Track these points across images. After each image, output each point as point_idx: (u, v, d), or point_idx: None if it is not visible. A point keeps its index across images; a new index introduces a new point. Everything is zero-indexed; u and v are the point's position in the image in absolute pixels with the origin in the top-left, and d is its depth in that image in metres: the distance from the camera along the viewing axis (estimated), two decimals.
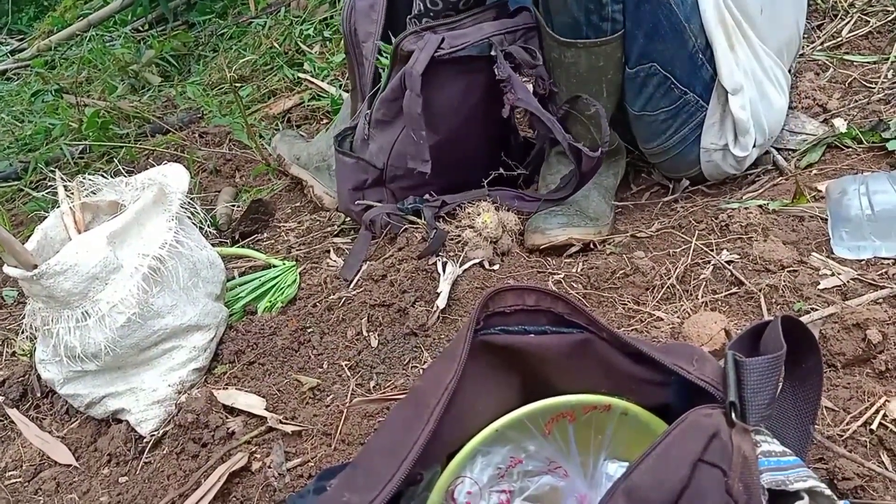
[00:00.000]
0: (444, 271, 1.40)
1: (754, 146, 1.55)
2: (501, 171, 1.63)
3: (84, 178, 1.39)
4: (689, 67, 1.46)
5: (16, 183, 2.64)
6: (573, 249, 1.50)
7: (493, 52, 1.49)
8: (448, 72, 1.50)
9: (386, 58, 1.60)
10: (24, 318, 1.31)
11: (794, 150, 1.67)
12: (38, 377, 1.42)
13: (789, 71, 1.66)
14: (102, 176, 1.41)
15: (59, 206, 1.39)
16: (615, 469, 0.82)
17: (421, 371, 1.25)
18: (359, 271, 1.51)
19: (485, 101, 1.55)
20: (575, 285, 1.40)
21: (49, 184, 1.40)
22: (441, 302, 1.34)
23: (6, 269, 1.25)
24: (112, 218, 1.32)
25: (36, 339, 1.36)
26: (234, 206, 2.06)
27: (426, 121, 1.49)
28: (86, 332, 1.22)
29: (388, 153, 1.61)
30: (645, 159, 1.72)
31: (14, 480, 1.27)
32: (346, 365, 1.31)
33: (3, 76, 4.07)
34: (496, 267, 1.46)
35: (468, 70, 1.53)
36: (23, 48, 4.48)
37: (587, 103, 1.49)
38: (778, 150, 1.68)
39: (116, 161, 2.54)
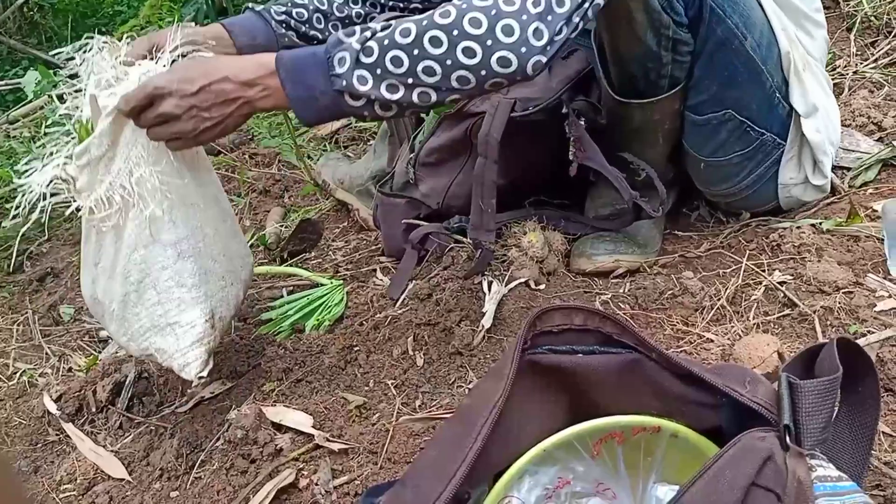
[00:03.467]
0: (489, 290, 1.40)
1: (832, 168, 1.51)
2: (542, 196, 1.63)
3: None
4: (766, 108, 1.41)
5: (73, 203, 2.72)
6: (620, 270, 1.49)
7: (564, 110, 1.48)
8: (517, 128, 1.48)
9: None
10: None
11: (848, 169, 1.64)
12: (94, 392, 1.46)
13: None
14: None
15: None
16: (665, 492, 0.81)
17: (466, 390, 1.25)
18: (405, 290, 1.52)
19: (549, 148, 1.54)
20: (622, 306, 1.38)
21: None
22: (486, 321, 1.34)
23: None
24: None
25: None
26: (282, 225, 2.09)
27: None
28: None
29: (442, 194, 1.62)
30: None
31: (68, 494, 1.29)
32: (392, 384, 1.31)
33: (62, 99, 4.20)
34: (542, 286, 1.46)
35: (537, 126, 1.52)
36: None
37: (635, 168, 1.47)
38: (832, 168, 1.64)
39: None
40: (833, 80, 1.99)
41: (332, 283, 1.63)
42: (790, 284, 1.31)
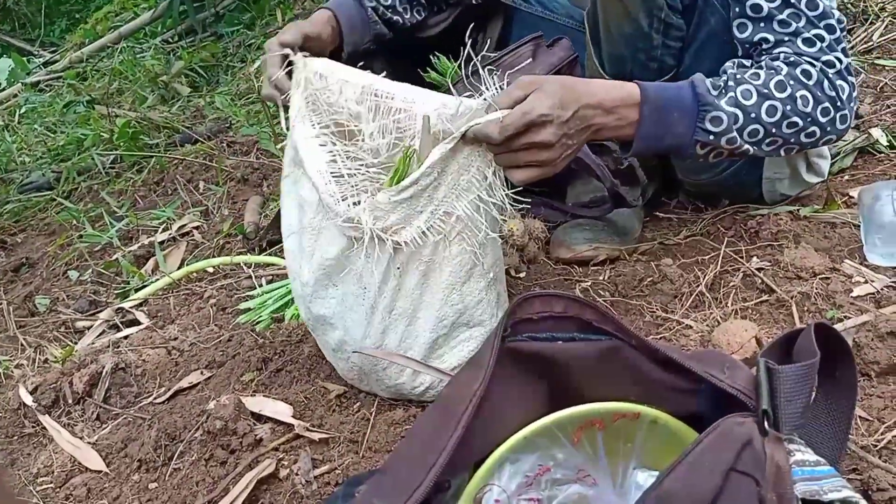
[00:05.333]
0: None
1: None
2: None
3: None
4: None
5: (48, 193, 2.69)
6: (600, 258, 1.49)
7: None
8: None
9: None
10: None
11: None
12: (71, 383, 1.44)
13: None
14: None
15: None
16: (645, 478, 0.82)
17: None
18: None
19: None
20: (602, 293, 1.39)
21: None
22: None
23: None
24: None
25: None
26: (262, 214, 2.08)
27: None
28: None
29: None
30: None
31: (45, 486, 1.28)
32: None
33: (36, 88, 4.15)
34: (522, 274, 1.46)
35: None
36: (55, 60, 4.58)
37: (618, 157, 1.46)
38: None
39: (147, 170, 2.57)
40: None
41: None
42: (768, 271, 1.32)
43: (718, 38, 1.33)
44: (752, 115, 1.19)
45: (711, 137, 1.19)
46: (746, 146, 1.21)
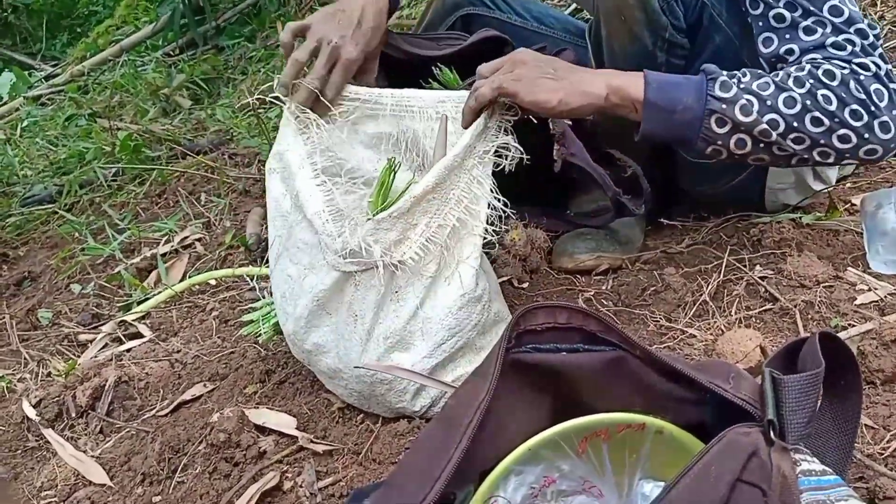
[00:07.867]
0: None
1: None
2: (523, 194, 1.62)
3: None
4: None
5: (50, 206, 2.69)
6: (602, 267, 1.49)
7: None
8: None
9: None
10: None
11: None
12: (74, 397, 1.44)
13: None
14: None
15: None
16: (651, 489, 0.81)
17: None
18: None
19: (530, 145, 1.53)
20: (605, 302, 1.39)
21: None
22: None
23: None
24: None
25: None
26: (263, 226, 2.08)
27: None
28: None
29: None
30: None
31: (49, 500, 1.28)
32: None
33: (38, 101, 4.16)
34: (525, 285, 1.46)
35: (519, 121, 1.50)
36: (57, 74, 4.59)
37: (622, 165, 1.46)
38: None
39: (148, 183, 2.58)
40: None
41: None
42: (771, 279, 1.32)
43: (722, 57, 1.32)
44: (769, 103, 1.14)
45: (724, 106, 1.14)
46: (766, 127, 1.14)
